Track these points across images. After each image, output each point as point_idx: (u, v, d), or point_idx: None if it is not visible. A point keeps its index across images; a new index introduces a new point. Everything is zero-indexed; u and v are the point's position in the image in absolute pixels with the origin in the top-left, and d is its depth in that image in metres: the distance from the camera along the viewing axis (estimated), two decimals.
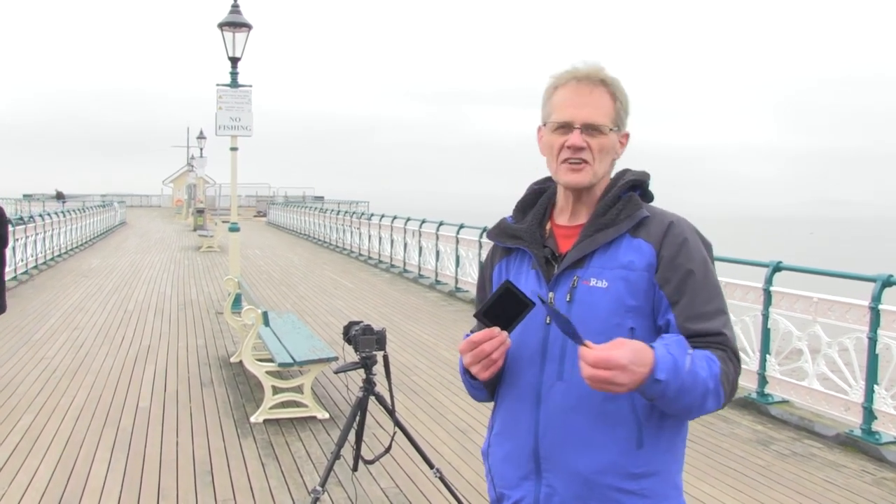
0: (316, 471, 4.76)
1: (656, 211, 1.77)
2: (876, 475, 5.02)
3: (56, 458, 4.95)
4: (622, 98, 1.77)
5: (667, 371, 1.52)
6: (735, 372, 1.67)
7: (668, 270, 1.69)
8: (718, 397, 1.62)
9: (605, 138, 1.74)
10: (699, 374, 1.56)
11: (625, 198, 1.77)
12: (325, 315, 10.97)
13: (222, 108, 10.73)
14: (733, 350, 1.68)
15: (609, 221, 1.74)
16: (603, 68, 1.77)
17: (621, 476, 1.67)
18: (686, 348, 1.59)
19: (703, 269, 1.70)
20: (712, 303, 1.69)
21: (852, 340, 5.79)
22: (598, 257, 1.73)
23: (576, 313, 1.69)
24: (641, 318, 1.69)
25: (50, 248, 17.57)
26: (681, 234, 1.72)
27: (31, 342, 8.61)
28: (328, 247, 24.24)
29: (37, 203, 42.20)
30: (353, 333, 4.08)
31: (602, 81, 1.75)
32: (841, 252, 43.42)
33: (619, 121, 1.76)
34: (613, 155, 1.78)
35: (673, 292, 1.68)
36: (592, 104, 1.73)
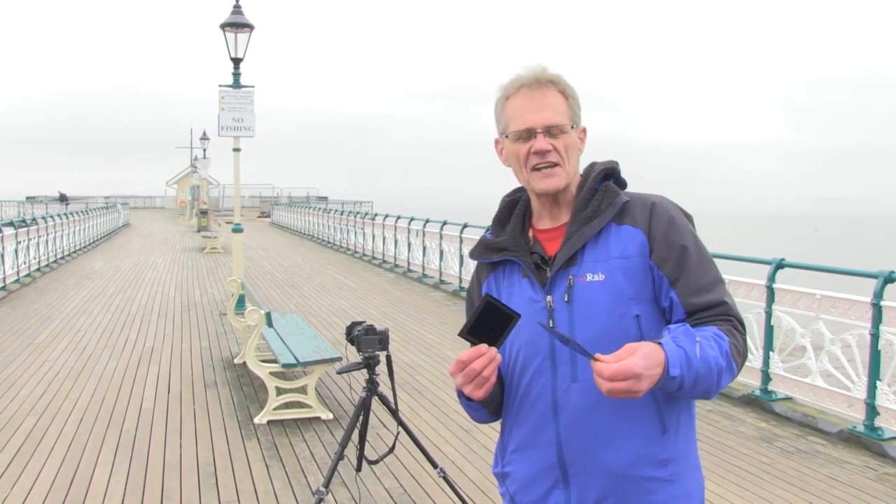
0: (320, 472, 4.76)
1: (634, 195, 1.78)
2: (879, 471, 5.02)
3: (59, 461, 4.96)
4: (572, 94, 1.78)
5: (679, 365, 1.52)
6: (742, 340, 1.68)
7: (664, 250, 1.69)
8: (732, 371, 1.64)
9: (569, 136, 1.75)
10: (710, 357, 1.57)
11: (601, 188, 1.78)
12: (328, 315, 10.98)
13: (225, 109, 10.73)
14: (736, 317, 1.70)
15: (592, 214, 1.74)
16: (545, 68, 1.78)
17: (651, 465, 1.68)
18: (693, 336, 1.58)
19: (694, 243, 1.72)
20: (709, 274, 1.71)
21: (855, 337, 5.79)
22: (590, 251, 1.72)
23: (577, 312, 1.68)
24: (644, 303, 1.69)
25: (53, 250, 17.61)
26: (665, 212, 1.73)
27: (33, 345, 8.63)
28: (332, 247, 24.26)
29: (40, 205, 42.27)
30: (355, 334, 4.09)
31: (550, 82, 1.75)
32: (846, 249, 43.33)
33: (574, 117, 1.77)
34: (577, 152, 1.79)
35: (672, 270, 1.69)
36: (548, 106, 1.74)
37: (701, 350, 1.56)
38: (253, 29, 10.79)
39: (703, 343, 1.57)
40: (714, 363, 1.57)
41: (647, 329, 1.69)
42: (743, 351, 1.68)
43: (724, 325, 1.66)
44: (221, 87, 10.76)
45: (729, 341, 1.63)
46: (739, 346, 1.66)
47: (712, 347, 1.59)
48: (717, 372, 1.58)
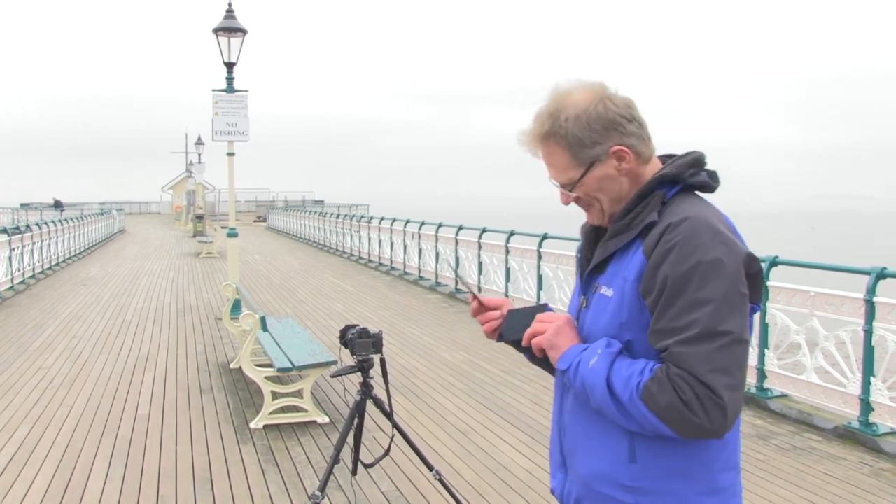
0: (316, 476, 4.75)
1: (672, 212, 1.61)
2: (874, 466, 5.03)
3: (53, 468, 4.94)
4: (574, 135, 1.64)
5: (568, 364, 1.64)
6: (672, 391, 1.49)
7: (650, 280, 1.57)
8: (641, 414, 1.53)
9: (583, 185, 1.69)
10: (599, 378, 1.57)
11: (650, 197, 1.66)
12: (324, 319, 10.97)
13: (219, 114, 10.74)
14: (687, 370, 1.48)
15: (623, 227, 1.67)
16: (544, 113, 1.68)
17: (614, 486, 1.65)
18: (599, 348, 1.61)
19: (683, 277, 1.51)
20: (682, 317, 1.51)
21: (849, 333, 5.80)
22: (614, 264, 1.68)
23: (587, 320, 1.72)
24: (639, 331, 1.60)
25: (48, 257, 17.56)
26: (674, 238, 1.54)
27: (28, 352, 8.60)
28: (328, 250, 24.25)
29: (34, 212, 42.17)
30: (349, 337, 4.08)
31: (546, 135, 1.67)
32: (841, 246, 43.41)
33: (583, 159, 1.66)
34: (616, 178, 1.67)
35: (652, 304, 1.57)
36: (552, 165, 1.71)
37: (596, 362, 1.59)
38: (246, 33, 10.79)
39: (603, 360, 1.59)
40: (608, 385, 1.56)
41: (642, 356, 1.60)
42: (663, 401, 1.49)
43: (662, 370, 1.52)
44: (215, 92, 10.77)
45: (646, 383, 1.52)
46: (660, 395, 1.50)
47: (619, 375, 1.56)
48: (611, 396, 1.56)
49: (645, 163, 1.70)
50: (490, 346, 8.86)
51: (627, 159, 1.66)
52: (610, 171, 1.67)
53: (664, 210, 1.63)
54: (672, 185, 1.67)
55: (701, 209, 1.62)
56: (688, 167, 1.67)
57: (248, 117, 10.87)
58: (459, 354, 8.48)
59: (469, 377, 7.42)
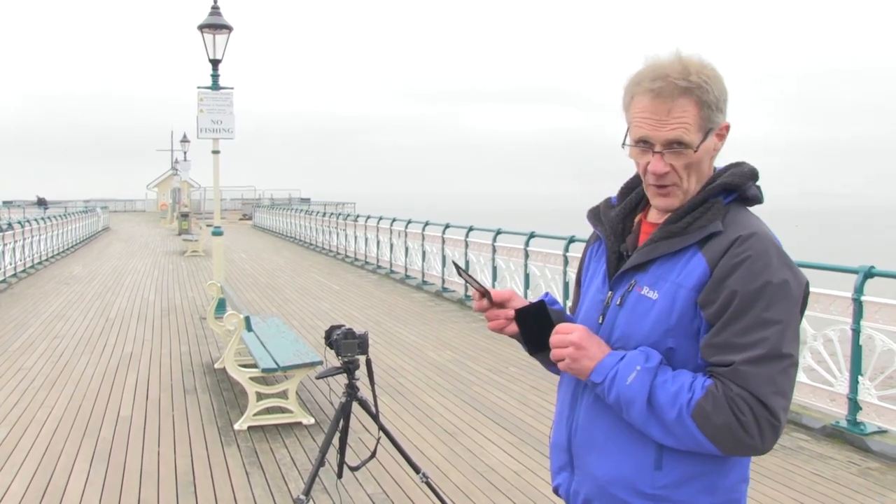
0: (301, 478, 4.69)
1: (736, 223, 1.56)
2: (861, 465, 5.02)
3: (31, 471, 4.84)
4: (711, 97, 1.55)
5: (603, 376, 1.56)
6: (730, 412, 1.46)
7: (713, 292, 1.51)
8: (690, 433, 1.49)
9: (694, 154, 1.56)
10: (638, 393, 1.51)
11: (708, 203, 1.59)
12: (310, 318, 10.89)
13: (203, 111, 10.63)
14: (749, 390, 1.45)
15: (678, 230, 1.58)
16: (686, 66, 1.54)
17: (633, 492, 1.61)
18: (638, 363, 1.53)
19: (754, 293, 1.47)
20: (749, 334, 1.47)
21: (837, 332, 5.79)
22: (660, 265, 1.60)
23: (621, 320, 1.64)
24: (685, 339, 1.56)
25: (30, 255, 17.37)
26: (744, 251, 1.50)
27: (8, 352, 8.47)
28: (314, 249, 24.14)
29: (17, 209, 41.76)
30: (334, 337, 4.02)
31: (684, 90, 1.53)
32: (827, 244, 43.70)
33: (708, 125, 1.56)
34: (710, 158, 1.62)
35: (712, 316, 1.51)
36: (674, 119, 1.53)
37: (635, 379, 1.52)
38: (231, 30, 10.69)
39: (644, 376, 1.51)
40: (649, 403, 1.50)
41: (680, 364, 1.57)
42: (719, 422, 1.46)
43: (717, 386, 1.48)
44: (200, 89, 10.66)
45: (698, 399, 1.48)
46: (716, 414, 1.46)
47: (664, 391, 1.50)
48: (651, 413, 1.51)
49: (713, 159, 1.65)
50: (476, 345, 8.82)
51: (724, 140, 1.61)
52: (712, 147, 1.60)
53: (724, 219, 1.57)
54: (728, 194, 1.61)
55: (762, 226, 1.58)
56: (748, 178, 1.62)
57: (233, 115, 10.77)
58: (446, 353, 8.43)
59: (455, 377, 7.37)
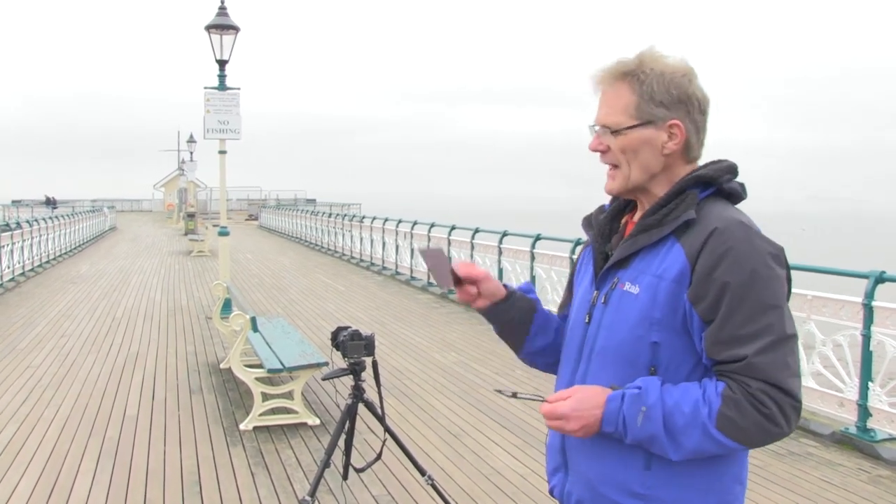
0: (306, 479, 4.67)
1: (711, 214, 1.56)
2: (872, 473, 4.98)
3: (39, 470, 4.84)
4: (647, 88, 1.58)
5: (614, 424, 1.55)
6: (754, 410, 1.46)
7: (702, 286, 1.50)
8: (720, 444, 1.49)
9: (624, 137, 1.60)
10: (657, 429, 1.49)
11: (684, 195, 1.61)
12: (316, 319, 10.88)
13: (210, 112, 10.65)
14: (766, 380, 1.45)
15: (655, 222, 1.60)
16: (639, 58, 1.61)
17: (623, 492, 1.61)
18: (642, 403, 1.50)
19: (746, 282, 1.48)
20: (752, 323, 1.47)
21: (846, 338, 5.75)
22: (640, 260, 1.61)
23: (606, 318, 1.65)
24: (669, 332, 1.55)
25: (38, 254, 17.42)
26: (724, 242, 1.50)
27: (15, 351, 8.49)
28: (320, 250, 24.15)
29: (25, 209, 41.94)
30: (341, 339, 4.01)
31: (622, 75, 1.60)
32: (832, 248, 43.57)
33: (644, 113, 1.59)
34: (657, 152, 1.61)
35: (706, 311, 1.50)
36: (607, 102, 1.63)
37: (645, 419, 1.50)
38: (238, 31, 10.70)
39: (654, 412, 1.49)
40: (667, 433, 1.49)
41: (667, 360, 1.57)
42: (748, 424, 1.46)
43: (732, 389, 1.47)
44: (207, 90, 10.68)
45: (719, 409, 1.47)
46: (742, 418, 1.46)
47: (681, 414, 1.48)
48: (670, 442, 1.50)
49: (686, 162, 1.65)
50: (482, 347, 8.80)
51: (677, 140, 1.61)
52: (656, 141, 1.61)
53: (699, 211, 1.58)
54: (705, 188, 1.62)
55: (739, 215, 1.58)
56: (724, 172, 1.63)
57: (239, 115, 10.79)
58: (451, 355, 8.41)
59: (461, 379, 7.35)
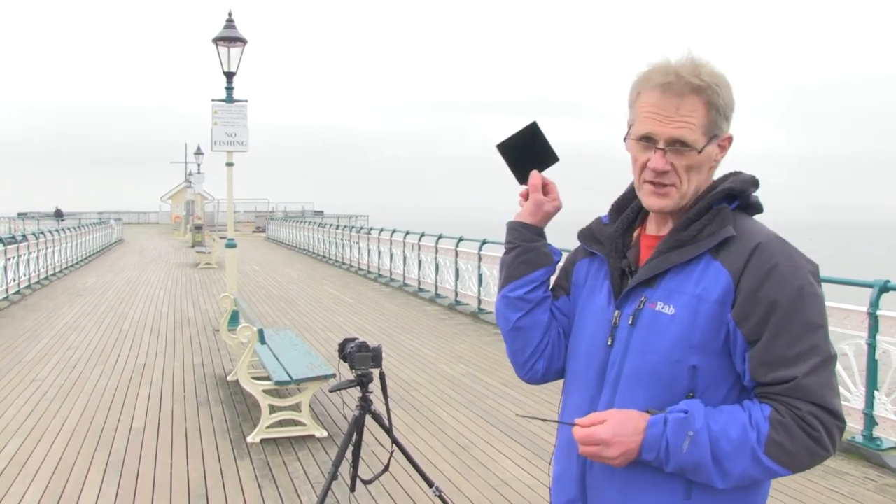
0: (314, 491, 4.68)
1: (747, 228, 1.52)
2: (878, 482, 4.96)
3: (45, 483, 4.85)
4: (721, 101, 1.51)
5: (656, 451, 1.46)
6: (804, 434, 1.42)
7: (749, 305, 1.45)
8: (767, 469, 1.45)
9: (695, 155, 1.51)
10: (706, 454, 1.43)
11: (714, 210, 1.54)
12: (323, 331, 10.90)
13: (218, 124, 10.71)
14: (815, 401, 1.42)
15: (688, 238, 1.52)
16: (697, 66, 1.51)
17: None
18: (689, 427, 1.44)
19: (794, 301, 1.44)
20: (799, 343, 1.43)
21: (852, 346, 5.73)
22: (671, 278, 1.53)
23: (635, 340, 1.55)
24: (708, 355, 1.49)
25: (44, 266, 17.49)
26: (769, 259, 1.45)
27: (22, 363, 8.52)
28: (327, 261, 24.19)
29: (31, 221, 42.15)
30: (348, 351, 4.03)
31: (695, 88, 1.49)
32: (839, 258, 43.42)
33: (714, 129, 1.52)
34: (709, 166, 1.57)
35: (752, 331, 1.45)
36: (681, 116, 1.49)
37: (692, 445, 1.43)
38: (246, 43, 10.77)
39: (701, 437, 1.43)
40: (714, 460, 1.43)
41: (705, 384, 1.50)
42: (797, 448, 1.43)
43: (780, 413, 1.43)
44: (214, 102, 10.74)
45: (768, 434, 1.43)
46: (791, 442, 1.42)
47: (728, 440, 1.42)
48: (717, 468, 1.44)
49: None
50: (489, 358, 8.80)
51: (725, 153, 1.58)
52: (713, 155, 1.56)
53: (735, 226, 1.53)
54: (731, 201, 1.58)
55: (771, 229, 1.55)
56: (750, 184, 1.59)
57: (247, 127, 10.84)
58: (459, 367, 8.41)
59: (469, 390, 7.35)
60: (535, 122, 1.70)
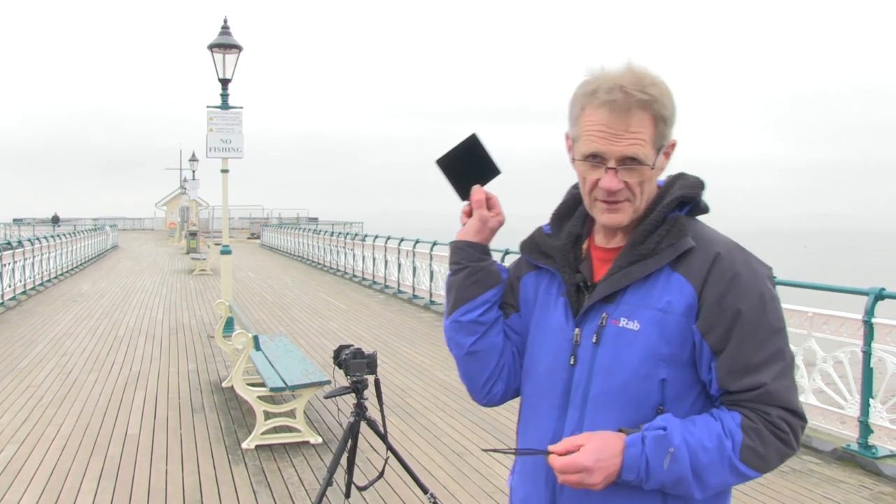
0: (309, 498, 4.67)
1: (704, 236, 1.51)
2: (873, 490, 4.97)
3: (39, 490, 4.84)
4: (667, 113, 1.47)
5: (637, 471, 1.44)
6: (775, 439, 1.44)
7: (713, 315, 1.44)
8: (738, 474, 1.45)
9: (648, 171, 1.48)
10: (685, 469, 1.42)
11: (669, 220, 1.51)
12: (318, 337, 10.88)
13: (213, 130, 10.71)
14: (782, 405, 1.44)
15: (647, 252, 1.49)
16: (641, 78, 1.46)
17: None
18: (669, 444, 1.42)
19: (756, 308, 1.45)
20: (764, 349, 1.45)
21: (847, 354, 5.75)
22: (633, 293, 1.50)
23: (601, 358, 1.51)
24: (676, 368, 1.48)
25: (39, 272, 17.44)
26: (730, 268, 1.45)
27: (16, 370, 8.49)
28: (322, 268, 24.16)
29: (27, 227, 42.05)
30: (343, 357, 4.03)
31: (642, 104, 1.44)
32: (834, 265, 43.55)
33: (661, 141, 1.49)
34: (659, 172, 1.54)
35: (717, 341, 1.45)
36: (630, 135, 1.45)
37: (672, 462, 1.42)
38: (241, 50, 10.79)
39: (681, 453, 1.42)
40: (694, 473, 1.42)
41: (673, 397, 1.49)
42: (769, 452, 1.44)
43: (751, 419, 1.44)
44: (209, 108, 10.74)
45: (742, 441, 1.43)
46: (763, 447, 1.44)
47: (705, 451, 1.42)
48: (696, 481, 1.43)
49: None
50: None
51: (668, 159, 1.55)
52: (662, 164, 1.53)
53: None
54: (681, 208, 1.55)
55: (725, 235, 1.55)
56: (699, 189, 1.57)
57: (242, 134, 10.84)
58: (454, 373, 8.38)
59: (463, 396, 7.33)
60: (474, 135, 1.65)
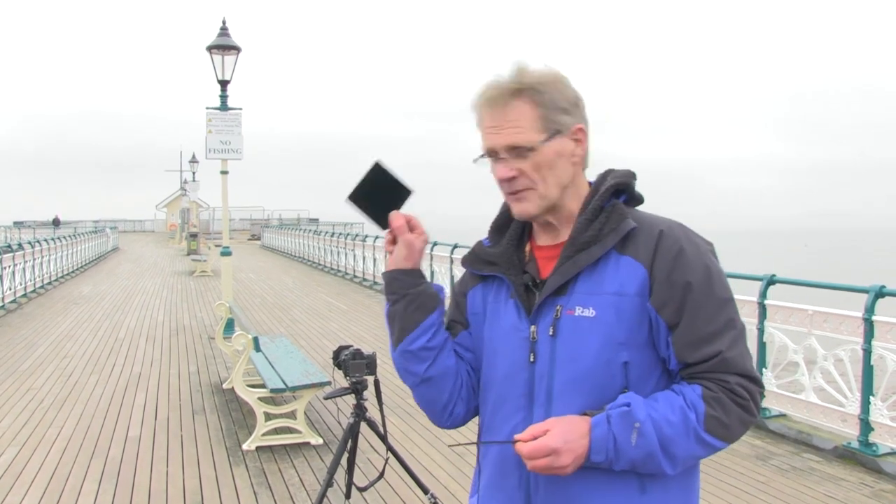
0: (309, 499, 4.67)
1: (644, 219, 1.54)
2: (874, 487, 4.97)
3: (41, 492, 4.84)
4: (546, 97, 1.51)
5: (605, 451, 1.44)
6: (736, 406, 1.46)
7: (664, 290, 1.47)
8: (705, 446, 1.47)
9: (538, 154, 1.51)
10: (654, 442, 1.43)
11: (608, 207, 1.55)
12: (318, 338, 10.88)
13: (212, 132, 10.71)
14: (740, 372, 1.47)
15: (591, 239, 1.52)
16: (521, 72, 1.52)
17: None
18: (633, 420, 1.43)
19: (704, 279, 1.48)
20: (716, 319, 1.48)
21: (847, 352, 5.75)
22: (583, 282, 1.51)
23: (561, 349, 1.52)
24: (636, 349, 1.49)
25: (40, 275, 17.45)
26: (674, 243, 1.49)
27: (17, 372, 8.50)
28: (323, 269, 24.16)
29: (27, 230, 42.08)
30: (342, 358, 4.03)
31: (517, 90, 1.50)
32: (835, 264, 43.56)
33: (551, 125, 1.52)
34: (568, 162, 1.55)
35: (671, 315, 1.47)
36: (509, 124, 1.50)
37: (639, 437, 1.42)
38: (240, 51, 10.79)
39: (647, 428, 1.42)
40: (662, 447, 1.43)
41: (637, 378, 1.50)
42: (732, 420, 1.47)
43: (711, 389, 1.46)
44: (209, 110, 10.74)
45: (705, 411, 1.45)
46: (726, 415, 1.46)
47: (670, 424, 1.43)
48: (665, 455, 1.44)
49: (583, 169, 1.61)
50: None
51: (582, 145, 1.56)
52: (566, 150, 1.54)
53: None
54: (618, 196, 1.59)
55: (665, 217, 1.58)
56: (631, 177, 1.60)
57: (241, 135, 10.85)
58: None
59: None
60: (377, 163, 1.64)
